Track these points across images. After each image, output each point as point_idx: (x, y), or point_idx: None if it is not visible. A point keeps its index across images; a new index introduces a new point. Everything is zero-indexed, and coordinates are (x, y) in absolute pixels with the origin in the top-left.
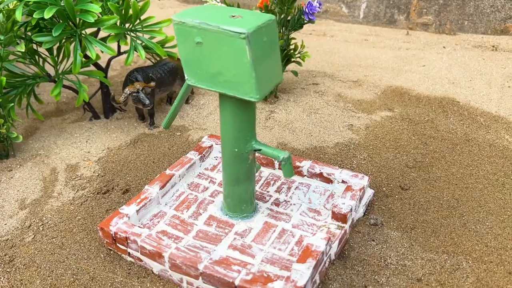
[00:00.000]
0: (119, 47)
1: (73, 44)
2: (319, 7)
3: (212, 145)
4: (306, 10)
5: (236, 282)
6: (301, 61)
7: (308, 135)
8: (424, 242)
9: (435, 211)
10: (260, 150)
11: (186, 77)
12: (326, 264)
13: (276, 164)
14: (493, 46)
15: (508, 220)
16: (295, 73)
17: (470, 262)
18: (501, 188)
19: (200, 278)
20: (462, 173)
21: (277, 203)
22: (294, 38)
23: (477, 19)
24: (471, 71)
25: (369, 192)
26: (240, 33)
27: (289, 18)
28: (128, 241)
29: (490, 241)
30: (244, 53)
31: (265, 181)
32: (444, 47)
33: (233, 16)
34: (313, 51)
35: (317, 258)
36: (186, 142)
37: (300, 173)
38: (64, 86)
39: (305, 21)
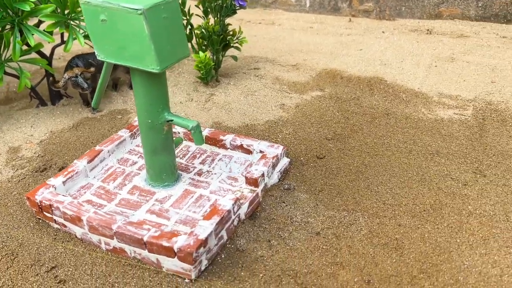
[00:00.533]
0: (63, 36)
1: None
2: None
3: None
4: None
5: (145, 239)
6: (239, 46)
7: (243, 114)
8: (329, 202)
9: (343, 176)
10: (172, 120)
11: (96, 53)
12: (235, 223)
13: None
14: (428, 30)
15: (408, 181)
16: (235, 58)
17: (366, 217)
18: (408, 154)
19: (115, 237)
20: (375, 142)
21: (200, 173)
22: (230, 24)
23: (413, 4)
24: (404, 53)
25: (285, 161)
26: (137, 9)
27: (225, 5)
28: (52, 208)
29: (388, 199)
30: (142, 28)
31: (192, 155)
32: (383, 32)
33: None
34: (260, 39)
35: (222, 216)
36: (126, 124)
37: (224, 146)
38: (10, 74)
39: (237, 7)
